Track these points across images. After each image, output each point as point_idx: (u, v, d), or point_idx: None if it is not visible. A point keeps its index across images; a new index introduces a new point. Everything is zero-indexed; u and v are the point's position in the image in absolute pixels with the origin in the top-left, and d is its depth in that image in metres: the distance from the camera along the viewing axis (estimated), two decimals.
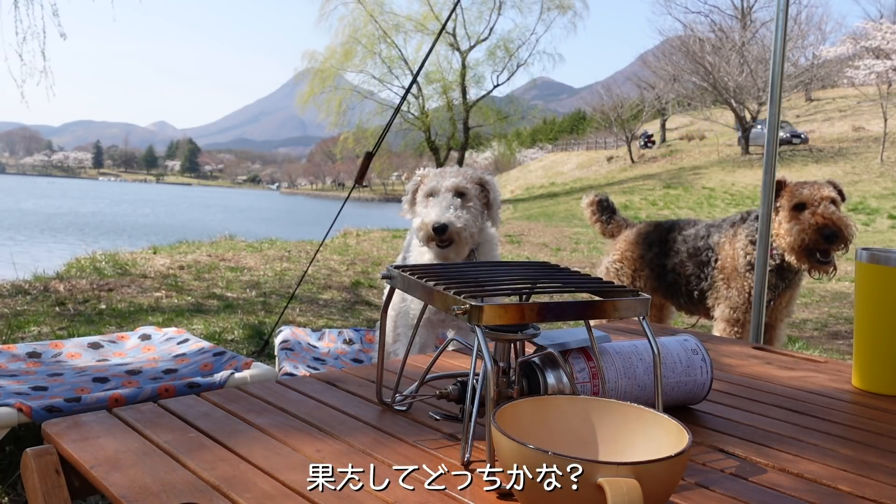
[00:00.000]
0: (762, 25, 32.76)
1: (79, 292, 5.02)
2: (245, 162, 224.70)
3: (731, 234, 2.91)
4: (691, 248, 3.01)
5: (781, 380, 1.27)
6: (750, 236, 2.82)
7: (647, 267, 3.16)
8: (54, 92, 8.16)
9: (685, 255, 3.03)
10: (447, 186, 1.97)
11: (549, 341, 0.94)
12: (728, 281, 2.87)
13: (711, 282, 2.93)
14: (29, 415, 1.87)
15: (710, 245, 2.95)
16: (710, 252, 2.95)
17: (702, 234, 3.00)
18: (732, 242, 2.88)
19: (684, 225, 3.14)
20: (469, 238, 1.96)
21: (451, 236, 1.92)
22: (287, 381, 1.13)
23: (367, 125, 31.62)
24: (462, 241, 1.94)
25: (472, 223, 1.95)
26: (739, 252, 2.83)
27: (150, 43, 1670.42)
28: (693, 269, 3.00)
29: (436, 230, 1.91)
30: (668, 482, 0.64)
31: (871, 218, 16.83)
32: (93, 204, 37.90)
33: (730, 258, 2.87)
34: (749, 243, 2.82)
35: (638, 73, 40.04)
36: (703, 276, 2.96)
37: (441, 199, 1.95)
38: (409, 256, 2.20)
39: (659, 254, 3.13)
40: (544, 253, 10.43)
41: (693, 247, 3.01)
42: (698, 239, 3.00)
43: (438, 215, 1.91)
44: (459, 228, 1.91)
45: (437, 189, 1.98)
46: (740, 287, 2.82)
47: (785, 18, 2.39)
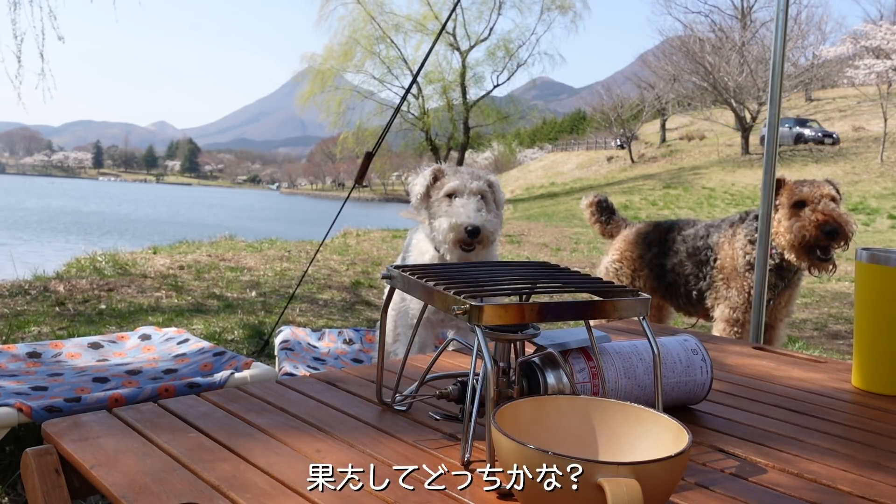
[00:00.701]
0: (762, 25, 32.77)
1: (79, 292, 5.02)
2: (245, 162, 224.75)
3: (729, 233, 2.90)
4: (690, 248, 3.00)
5: (781, 380, 1.27)
6: (749, 236, 2.81)
7: (646, 267, 3.16)
8: (52, 94, 8.14)
9: (684, 255, 3.02)
10: (472, 189, 1.96)
11: (549, 341, 0.94)
12: (727, 281, 2.86)
13: (710, 282, 2.92)
14: (29, 415, 1.87)
15: (709, 245, 2.94)
16: (709, 252, 2.94)
17: (701, 234, 2.99)
18: (731, 242, 2.87)
19: (683, 225, 3.12)
20: (494, 241, 1.99)
21: (482, 239, 1.93)
22: (287, 381, 1.13)
23: (368, 125, 31.63)
24: (488, 245, 1.96)
25: (498, 226, 1.99)
26: (738, 252, 2.82)
27: (150, 43, 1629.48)
28: (692, 268, 2.99)
29: (469, 233, 1.90)
30: (669, 482, 0.64)
31: (870, 218, 16.84)
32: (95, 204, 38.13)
33: (729, 258, 2.86)
34: (748, 243, 2.81)
35: (638, 73, 40.04)
36: (702, 276, 2.95)
37: (468, 200, 1.94)
38: (408, 256, 2.19)
39: (658, 254, 3.12)
40: (544, 253, 10.43)
41: (692, 247, 2.99)
42: (697, 239, 2.99)
43: (472, 217, 1.90)
44: (490, 232, 1.93)
45: (461, 190, 1.96)
46: (740, 287, 2.81)
47: (785, 18, 2.39)
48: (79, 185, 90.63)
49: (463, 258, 1.96)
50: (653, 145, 37.49)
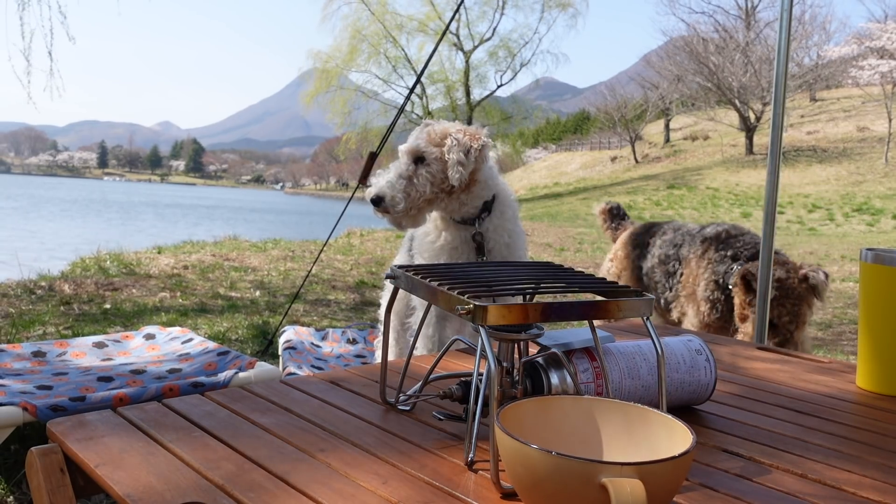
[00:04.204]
0: (766, 25, 32.72)
1: (84, 292, 5.03)
2: (249, 162, 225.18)
3: (699, 251, 2.74)
4: (662, 255, 2.88)
5: (786, 380, 1.27)
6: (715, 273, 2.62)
7: (629, 267, 3.08)
8: (60, 93, 8.16)
9: (656, 261, 2.91)
10: (403, 150, 1.90)
11: (552, 341, 0.94)
12: (689, 298, 2.73)
13: (675, 294, 2.79)
14: (34, 414, 1.87)
15: (678, 256, 2.81)
16: (676, 263, 2.80)
17: (675, 242, 2.85)
18: (699, 262, 2.71)
19: (666, 228, 3.00)
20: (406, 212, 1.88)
21: (387, 208, 1.86)
22: (291, 380, 1.13)
23: (372, 125, 31.64)
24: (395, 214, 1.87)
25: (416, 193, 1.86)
26: (701, 278, 2.67)
27: (155, 43, 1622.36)
28: (660, 276, 2.87)
29: (373, 202, 1.87)
30: (673, 483, 0.64)
31: (875, 218, 16.80)
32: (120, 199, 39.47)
33: (692, 277, 2.71)
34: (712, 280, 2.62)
35: (642, 74, 40.02)
36: (668, 286, 2.82)
37: (390, 166, 1.90)
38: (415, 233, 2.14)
39: (640, 255, 3.04)
40: (548, 253, 10.42)
41: (664, 254, 2.88)
42: (670, 246, 2.86)
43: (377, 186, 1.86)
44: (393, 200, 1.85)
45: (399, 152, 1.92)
46: (696, 310, 2.67)
47: (789, 18, 2.38)
48: (84, 185, 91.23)
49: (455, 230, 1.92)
50: (657, 145, 37.46)
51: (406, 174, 1.87)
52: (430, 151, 1.88)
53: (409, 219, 1.91)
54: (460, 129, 1.92)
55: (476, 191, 1.92)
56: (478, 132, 1.92)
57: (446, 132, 1.91)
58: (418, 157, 1.89)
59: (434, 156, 1.88)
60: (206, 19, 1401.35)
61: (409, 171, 1.88)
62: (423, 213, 1.92)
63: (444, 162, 1.87)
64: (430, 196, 1.88)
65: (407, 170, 1.88)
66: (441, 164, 1.88)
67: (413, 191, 1.86)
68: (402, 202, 1.85)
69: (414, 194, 1.86)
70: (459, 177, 1.84)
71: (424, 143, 1.89)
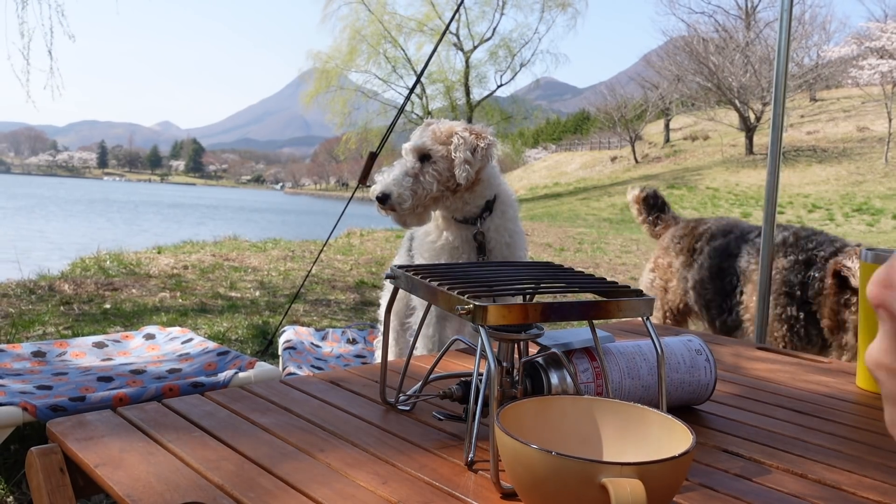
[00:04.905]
0: (766, 25, 32.74)
1: (84, 292, 5.03)
2: (249, 162, 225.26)
3: None
4: (714, 267, 2.32)
5: (785, 380, 1.27)
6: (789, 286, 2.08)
7: (675, 278, 2.55)
8: (60, 92, 8.17)
9: (706, 274, 2.35)
10: (407, 149, 1.89)
11: (552, 341, 0.94)
12: None
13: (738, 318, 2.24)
14: (33, 414, 1.87)
15: (735, 269, 2.25)
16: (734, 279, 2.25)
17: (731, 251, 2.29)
18: None
19: (715, 231, 2.45)
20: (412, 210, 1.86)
21: (393, 206, 1.85)
22: (291, 380, 1.13)
23: (372, 125, 31.64)
24: (402, 212, 1.86)
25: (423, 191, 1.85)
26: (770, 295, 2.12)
27: (154, 43, 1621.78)
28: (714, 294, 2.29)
29: (378, 200, 1.85)
30: (673, 483, 0.64)
31: (875, 218, 16.80)
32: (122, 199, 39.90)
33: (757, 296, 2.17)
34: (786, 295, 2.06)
35: (642, 74, 40.04)
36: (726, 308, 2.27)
37: (395, 164, 1.88)
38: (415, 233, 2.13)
39: (685, 263, 2.50)
40: (548, 253, 10.42)
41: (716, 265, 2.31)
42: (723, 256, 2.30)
43: (382, 183, 1.85)
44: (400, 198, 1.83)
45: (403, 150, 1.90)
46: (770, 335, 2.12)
47: (789, 18, 2.38)
48: (84, 185, 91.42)
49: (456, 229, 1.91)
50: (657, 145, 37.45)
51: (412, 172, 1.87)
52: (436, 149, 1.88)
53: (415, 217, 1.90)
54: (466, 127, 1.92)
55: (479, 190, 1.93)
56: (483, 131, 1.92)
57: (452, 130, 1.90)
58: (424, 154, 1.89)
59: (440, 154, 1.88)
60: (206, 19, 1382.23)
61: (414, 168, 1.87)
62: (428, 211, 1.92)
63: (450, 160, 1.87)
64: (436, 194, 1.88)
65: (413, 167, 1.87)
66: (447, 163, 1.87)
67: (419, 188, 1.86)
68: (408, 199, 1.85)
69: (420, 192, 1.86)
70: (467, 175, 1.84)
71: (430, 141, 1.89)
